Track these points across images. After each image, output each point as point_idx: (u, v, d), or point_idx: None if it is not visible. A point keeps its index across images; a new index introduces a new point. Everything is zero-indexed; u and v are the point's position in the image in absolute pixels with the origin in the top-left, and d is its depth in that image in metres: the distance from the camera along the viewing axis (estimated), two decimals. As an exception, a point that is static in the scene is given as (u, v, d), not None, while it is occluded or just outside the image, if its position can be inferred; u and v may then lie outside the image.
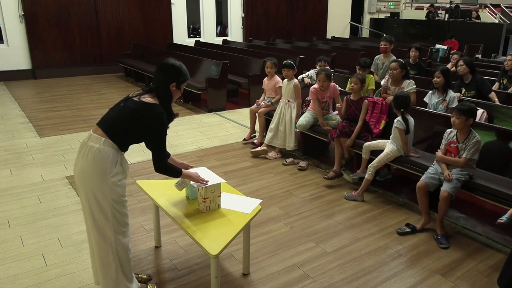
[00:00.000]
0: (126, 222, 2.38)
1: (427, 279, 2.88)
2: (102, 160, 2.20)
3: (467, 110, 3.25)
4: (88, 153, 2.22)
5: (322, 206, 3.92)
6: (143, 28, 11.27)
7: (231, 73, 7.86)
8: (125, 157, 2.38)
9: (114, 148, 2.26)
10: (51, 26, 9.95)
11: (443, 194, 3.27)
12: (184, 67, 2.40)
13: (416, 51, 6.31)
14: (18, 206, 3.80)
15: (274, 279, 2.85)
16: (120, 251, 2.35)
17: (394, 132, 3.86)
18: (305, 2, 14.21)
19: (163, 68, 2.36)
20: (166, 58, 2.41)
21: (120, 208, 2.31)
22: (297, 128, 4.95)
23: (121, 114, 2.28)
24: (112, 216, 2.27)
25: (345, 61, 8.71)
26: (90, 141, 2.24)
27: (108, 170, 2.22)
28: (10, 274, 2.84)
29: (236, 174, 4.60)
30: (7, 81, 9.62)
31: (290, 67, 5.00)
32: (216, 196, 2.63)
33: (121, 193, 2.30)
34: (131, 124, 2.26)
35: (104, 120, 2.33)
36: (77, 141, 5.58)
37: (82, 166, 2.24)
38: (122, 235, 2.35)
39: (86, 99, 8.08)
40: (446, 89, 4.42)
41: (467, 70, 5.00)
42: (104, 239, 2.30)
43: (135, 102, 2.27)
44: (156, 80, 2.36)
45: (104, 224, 2.28)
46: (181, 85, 2.39)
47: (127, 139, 2.32)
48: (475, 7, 16.30)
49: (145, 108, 2.25)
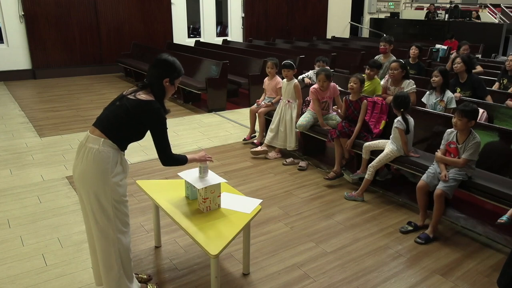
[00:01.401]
0: (127, 222, 2.38)
1: (427, 279, 2.88)
2: (103, 161, 2.20)
3: (470, 112, 3.23)
4: (87, 154, 2.21)
5: (322, 206, 3.92)
6: (143, 28, 11.27)
7: (231, 73, 7.86)
8: (124, 157, 2.38)
9: (114, 148, 2.25)
10: (51, 26, 9.95)
11: (437, 192, 3.28)
12: (177, 62, 2.39)
13: (416, 49, 6.26)
14: (18, 206, 3.80)
15: (274, 279, 2.85)
16: (121, 252, 2.35)
17: (394, 132, 3.86)
18: (305, 2, 14.21)
19: (156, 63, 2.35)
20: (160, 54, 2.40)
21: (122, 208, 2.31)
22: (297, 128, 4.95)
23: (118, 113, 2.27)
24: (114, 216, 2.27)
25: (345, 61, 8.71)
26: (89, 143, 2.23)
27: (109, 171, 2.21)
28: (10, 274, 2.84)
29: (236, 174, 4.60)
30: (7, 81, 9.63)
31: (290, 68, 5.00)
32: (216, 196, 2.63)
33: (122, 193, 2.30)
34: (128, 122, 2.26)
35: (100, 120, 2.32)
36: (77, 141, 5.59)
37: (83, 168, 2.22)
38: (123, 235, 2.35)
39: (86, 99, 8.08)
40: (444, 89, 4.40)
41: (463, 68, 4.89)
42: (106, 240, 2.30)
43: (131, 100, 2.26)
44: (150, 76, 2.35)
45: (106, 225, 2.27)
46: (174, 80, 2.38)
47: (126, 138, 2.32)
48: (475, 7, 16.29)
49: (142, 106, 2.25)
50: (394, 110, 3.88)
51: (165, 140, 2.35)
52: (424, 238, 3.30)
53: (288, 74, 5.02)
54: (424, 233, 3.34)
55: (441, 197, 3.26)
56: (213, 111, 7.30)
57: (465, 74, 4.96)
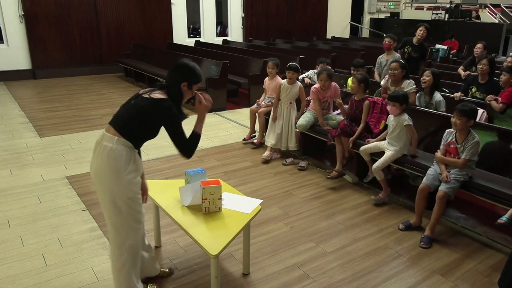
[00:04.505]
0: (140, 219, 2.43)
1: (427, 279, 2.88)
2: (116, 159, 2.25)
3: (469, 112, 3.24)
4: (102, 152, 2.26)
5: (322, 206, 3.92)
6: (143, 28, 11.27)
7: (231, 73, 7.86)
8: (138, 155, 2.41)
9: (128, 146, 2.30)
10: (51, 26, 9.95)
11: (439, 193, 3.27)
12: (198, 68, 2.45)
13: (425, 31, 6.11)
14: (18, 206, 3.80)
15: (274, 279, 2.85)
16: (132, 248, 2.40)
17: (399, 130, 3.81)
18: (305, 2, 14.20)
19: (177, 68, 2.42)
20: (181, 59, 2.47)
21: (135, 205, 2.36)
22: (297, 128, 4.94)
23: (131, 111, 2.33)
24: (126, 213, 2.33)
25: (345, 61, 8.69)
26: (104, 141, 2.29)
27: (122, 169, 2.26)
28: (10, 274, 2.84)
29: (236, 174, 4.60)
30: (7, 81, 9.62)
31: (295, 70, 4.91)
32: (216, 199, 2.61)
33: (135, 191, 2.35)
34: (141, 121, 2.31)
35: (115, 118, 2.37)
36: (77, 141, 5.59)
37: (98, 165, 2.29)
38: (135, 232, 2.40)
39: (86, 99, 8.08)
40: (433, 92, 4.40)
41: (488, 70, 4.88)
42: (118, 235, 2.36)
43: (145, 99, 2.32)
44: (169, 79, 2.42)
45: (118, 220, 2.33)
46: (193, 85, 2.45)
47: (139, 136, 2.36)
48: (475, 7, 16.29)
49: (154, 104, 2.30)
50: (395, 107, 3.82)
51: (181, 135, 2.37)
52: (428, 241, 3.28)
53: (292, 76, 4.92)
54: (425, 237, 3.31)
55: (444, 199, 3.26)
56: (213, 111, 7.29)
57: (487, 76, 4.96)
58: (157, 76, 8.44)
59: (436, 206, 3.28)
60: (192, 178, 2.73)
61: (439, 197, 3.26)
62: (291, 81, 4.97)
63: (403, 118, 3.80)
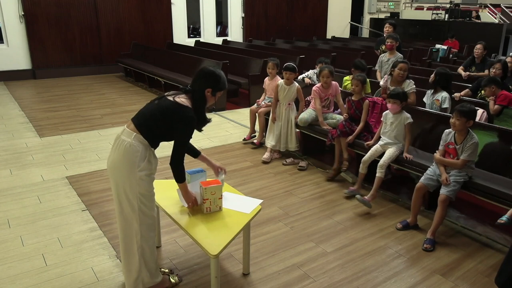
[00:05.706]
0: (153, 215, 2.48)
1: (427, 279, 2.88)
2: (131, 154, 2.30)
3: (468, 112, 3.24)
4: (120, 146, 2.33)
5: (322, 206, 3.92)
6: (143, 28, 11.27)
7: (231, 73, 7.86)
8: (155, 154, 2.46)
9: (144, 143, 2.35)
10: (51, 26, 9.95)
11: (441, 197, 3.26)
12: (223, 76, 2.52)
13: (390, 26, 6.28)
14: (18, 206, 3.80)
15: (274, 279, 2.85)
16: (144, 243, 2.44)
17: (401, 127, 3.84)
18: (305, 2, 14.21)
19: (203, 74, 2.48)
20: (206, 65, 2.54)
21: (147, 201, 2.41)
22: (299, 122, 4.93)
23: (153, 110, 2.39)
24: (138, 208, 2.37)
25: (345, 61, 8.69)
26: (123, 135, 2.35)
27: (136, 164, 2.31)
28: (10, 274, 2.85)
29: (236, 174, 4.60)
30: (7, 81, 9.62)
31: (292, 71, 4.88)
32: (217, 198, 2.61)
33: (147, 188, 2.40)
34: (161, 121, 2.36)
35: (137, 115, 2.43)
36: (77, 141, 5.59)
37: (114, 158, 2.35)
38: (147, 227, 2.44)
39: (86, 99, 8.08)
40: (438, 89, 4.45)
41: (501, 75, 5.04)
42: (130, 229, 2.41)
43: (169, 101, 2.38)
44: (194, 84, 2.48)
45: (131, 215, 2.38)
46: (216, 92, 2.50)
47: (157, 136, 2.40)
48: (475, 7, 16.29)
49: (177, 108, 2.35)
50: (396, 105, 3.82)
51: (183, 147, 2.43)
52: (432, 244, 3.26)
53: (290, 77, 4.89)
54: (428, 239, 3.28)
55: (445, 202, 3.25)
56: (213, 111, 7.30)
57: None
58: (157, 76, 8.45)
59: (438, 209, 3.28)
60: (192, 178, 2.73)
61: (441, 201, 3.26)
62: (289, 82, 4.94)
63: (405, 116, 3.84)
